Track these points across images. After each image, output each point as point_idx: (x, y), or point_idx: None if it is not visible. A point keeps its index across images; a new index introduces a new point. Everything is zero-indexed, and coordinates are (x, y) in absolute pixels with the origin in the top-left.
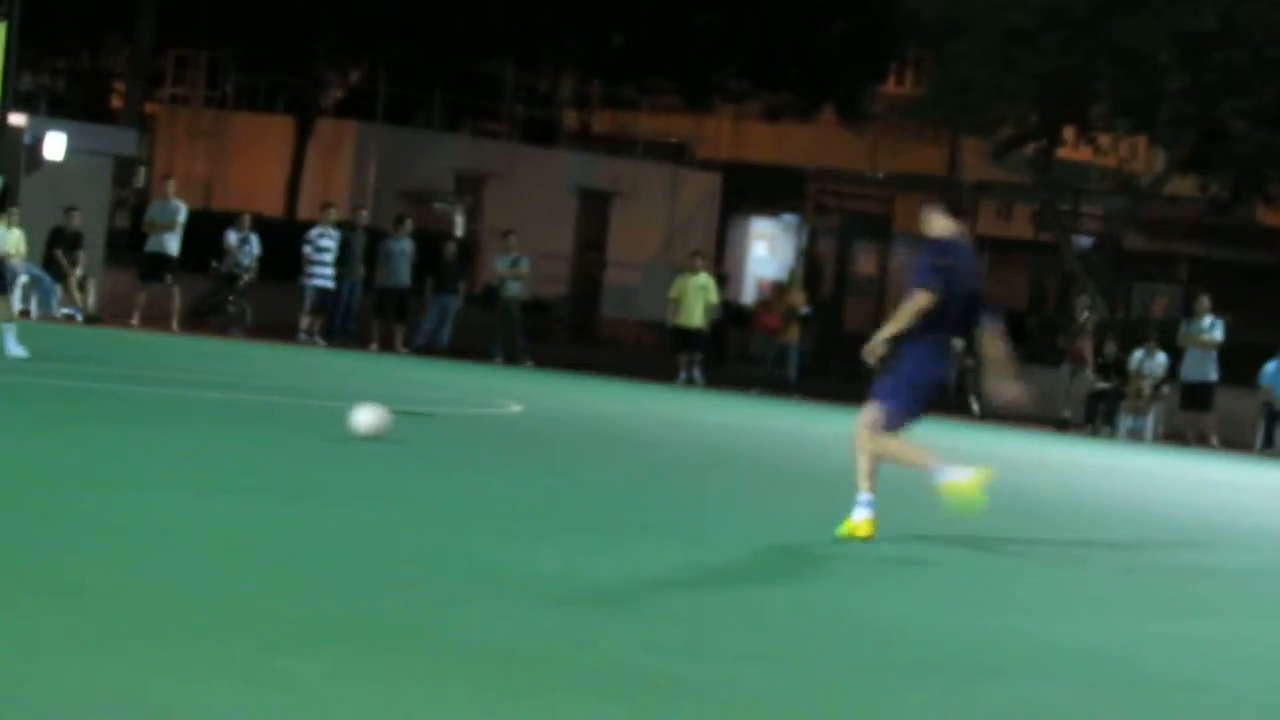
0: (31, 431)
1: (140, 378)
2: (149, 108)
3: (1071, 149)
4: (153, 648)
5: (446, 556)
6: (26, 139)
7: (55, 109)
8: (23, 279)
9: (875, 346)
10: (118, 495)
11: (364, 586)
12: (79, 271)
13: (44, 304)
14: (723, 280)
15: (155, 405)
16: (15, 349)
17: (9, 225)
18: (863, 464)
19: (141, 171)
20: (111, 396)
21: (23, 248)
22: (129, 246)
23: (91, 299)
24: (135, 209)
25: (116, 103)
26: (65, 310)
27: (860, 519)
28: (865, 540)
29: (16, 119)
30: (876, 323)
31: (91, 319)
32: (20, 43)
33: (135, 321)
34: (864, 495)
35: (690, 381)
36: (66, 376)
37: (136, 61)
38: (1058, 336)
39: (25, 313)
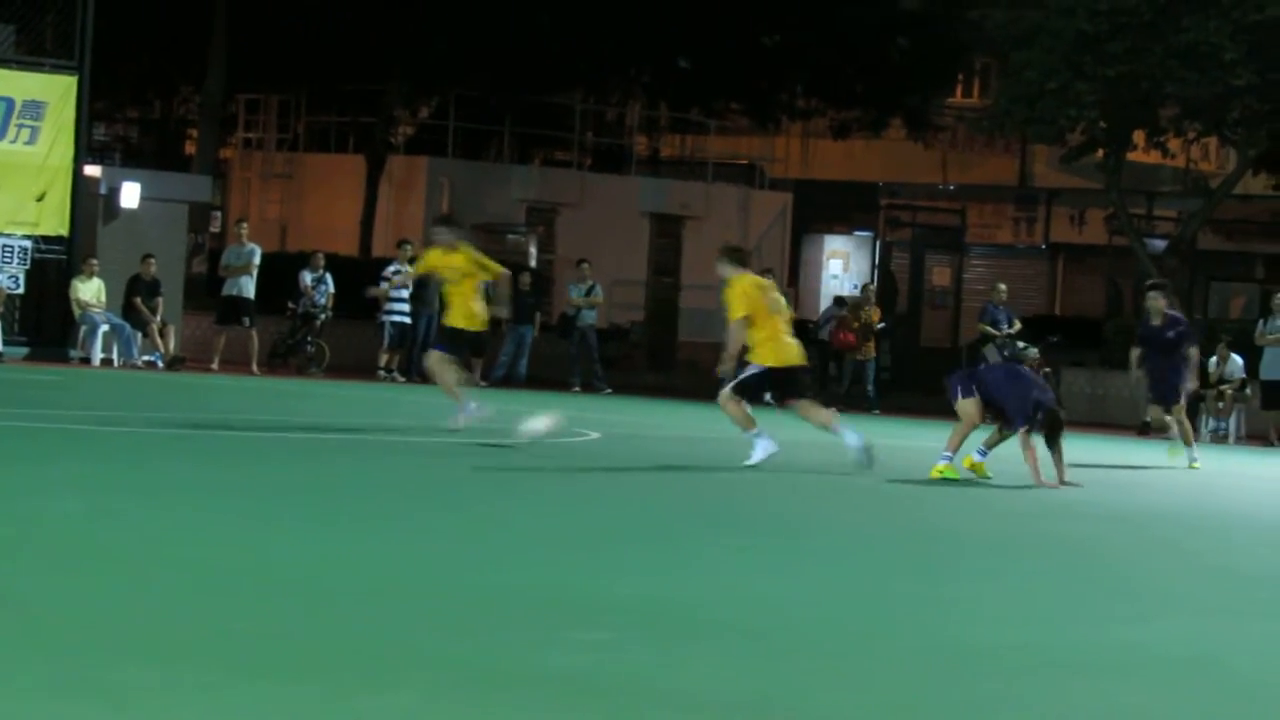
0: (134, 478)
1: (223, 422)
2: (222, 153)
3: (1142, 152)
4: (240, 685)
5: (528, 586)
6: (102, 189)
7: (130, 159)
8: (103, 328)
9: None
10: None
11: (446, 618)
12: (158, 318)
13: (125, 352)
14: (792, 298)
15: (238, 446)
16: None
17: (88, 275)
18: None
19: (217, 216)
20: (197, 439)
21: (103, 297)
22: (207, 291)
23: (172, 345)
24: (211, 254)
25: (190, 149)
26: (146, 357)
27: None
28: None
29: (92, 170)
30: (953, 336)
31: (172, 365)
32: (92, 95)
33: (215, 365)
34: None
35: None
36: (151, 424)
37: (207, 108)
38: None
39: (108, 361)
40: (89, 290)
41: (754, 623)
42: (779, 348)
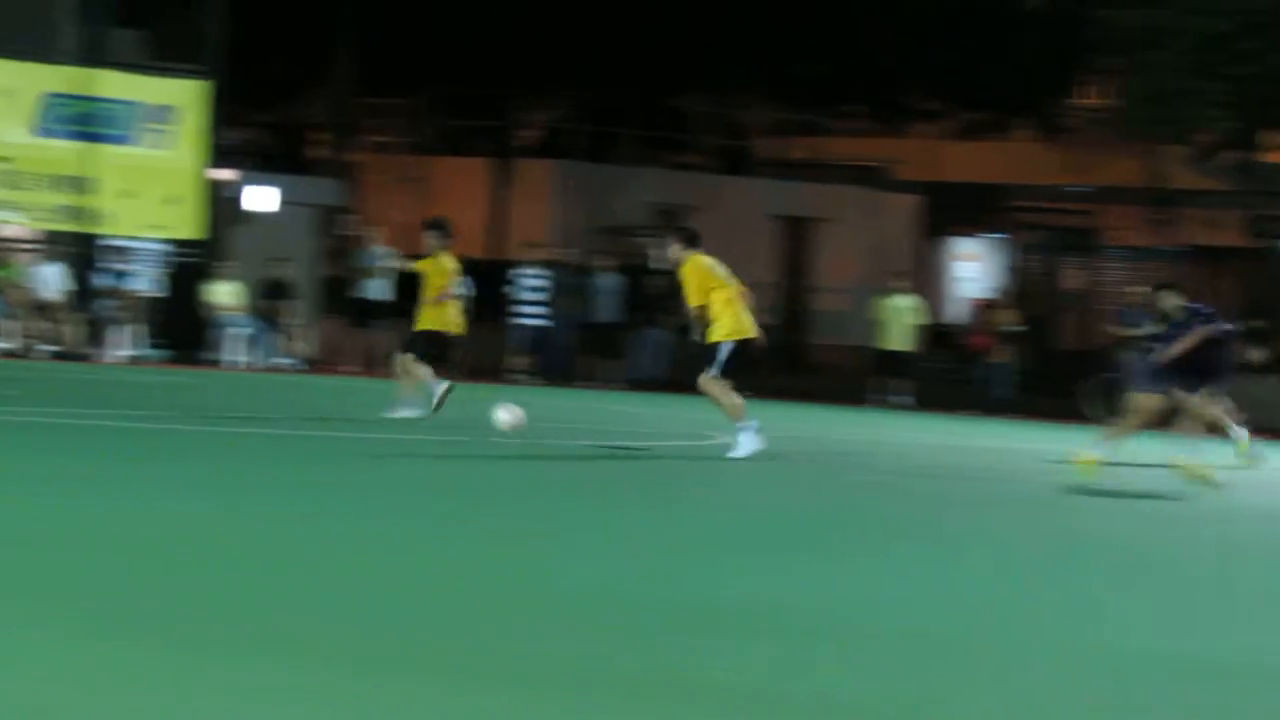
0: (267, 479)
1: (355, 423)
2: (352, 156)
3: (1278, 153)
4: (364, 689)
5: (663, 590)
6: (234, 194)
7: (261, 163)
8: (239, 331)
9: None
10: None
11: (581, 624)
12: (292, 321)
13: (260, 354)
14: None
15: (369, 447)
16: None
17: (223, 279)
18: None
19: (347, 219)
20: (328, 440)
21: (238, 300)
22: (339, 294)
23: (305, 347)
24: (343, 257)
25: (320, 153)
26: (280, 359)
27: None
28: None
29: (223, 174)
30: (1089, 338)
31: (306, 367)
32: (223, 100)
33: (348, 368)
34: None
35: (897, 405)
36: (283, 426)
37: (336, 112)
38: (1273, 344)
39: (243, 363)
40: (224, 293)
41: (899, 627)
42: (740, 319)
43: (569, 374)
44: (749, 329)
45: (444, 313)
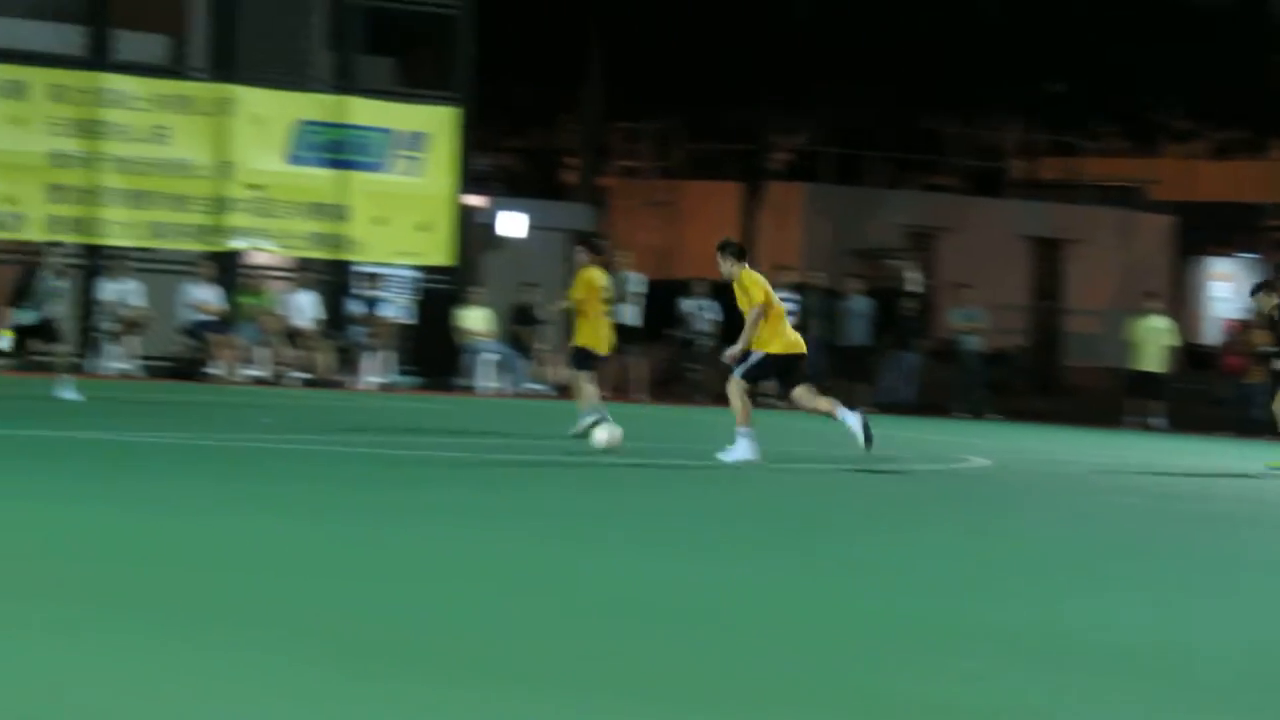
0: (516, 504)
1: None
2: (602, 181)
3: None
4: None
5: (916, 614)
6: (485, 219)
7: (512, 188)
8: (490, 356)
9: None
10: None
11: (828, 647)
12: (542, 346)
13: (511, 380)
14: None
15: (618, 473)
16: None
17: (474, 305)
18: None
19: (599, 245)
20: (581, 466)
21: (489, 326)
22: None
23: (556, 373)
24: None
25: (570, 178)
26: (532, 385)
27: None
28: None
29: (474, 200)
30: None
31: (556, 392)
32: (474, 125)
33: (600, 393)
34: None
35: (1149, 427)
36: (535, 451)
37: (586, 137)
38: None
39: (495, 389)
40: (475, 319)
41: (1137, 650)
42: (783, 336)
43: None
44: (791, 345)
45: (596, 329)
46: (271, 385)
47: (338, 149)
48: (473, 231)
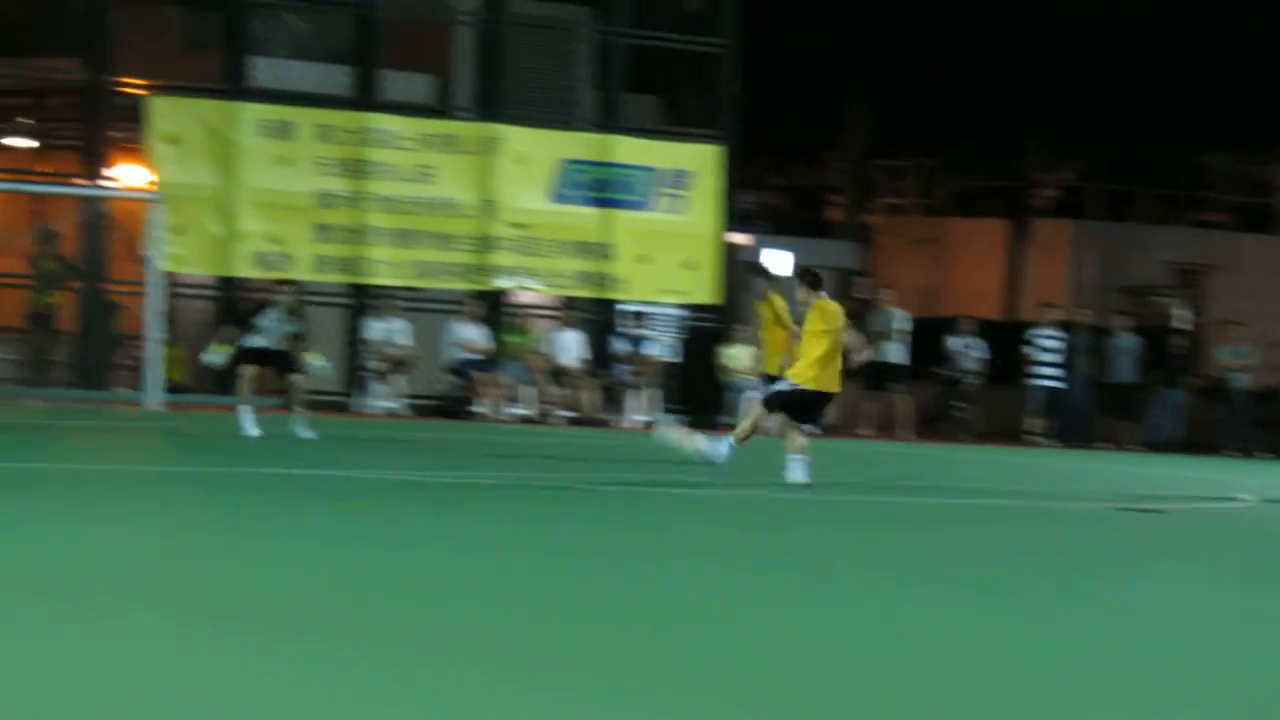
0: (782, 543)
1: (868, 487)
2: (867, 218)
3: None
4: None
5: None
6: (749, 257)
7: (776, 226)
8: (753, 394)
9: None
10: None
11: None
12: None
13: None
14: None
15: (887, 511)
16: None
17: (737, 342)
18: None
19: (862, 282)
20: (837, 505)
21: (752, 363)
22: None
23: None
24: (857, 320)
25: (834, 215)
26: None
27: None
28: None
29: (739, 238)
30: None
31: (821, 431)
32: (738, 163)
33: (865, 431)
34: None
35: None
36: (799, 490)
37: (851, 173)
38: None
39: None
40: (739, 357)
41: None
42: (825, 372)
43: (1087, 436)
44: (827, 383)
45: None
46: (537, 424)
47: (602, 187)
48: (737, 269)
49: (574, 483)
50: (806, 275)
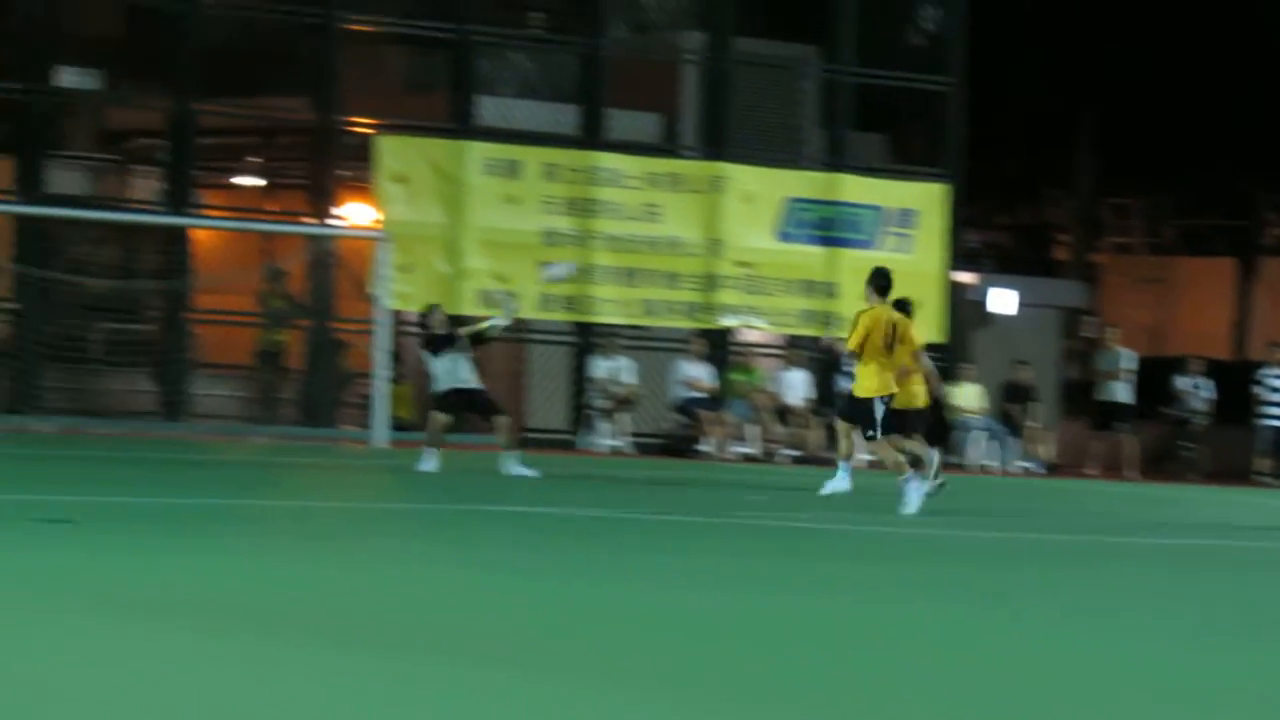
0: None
1: (1095, 527)
2: (1093, 257)
3: None
4: None
5: None
6: (975, 296)
7: (1002, 265)
8: (980, 434)
9: None
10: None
11: None
12: (1033, 423)
13: (1003, 457)
14: None
15: (1104, 551)
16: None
17: (964, 381)
18: None
19: (1088, 321)
20: (1071, 544)
21: (979, 402)
22: (1080, 397)
23: (1047, 451)
24: (1084, 359)
25: (1060, 254)
26: (1023, 463)
27: None
28: None
29: (964, 277)
30: None
31: (1046, 471)
32: (963, 201)
33: (1091, 471)
34: None
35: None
36: (1026, 530)
37: (1078, 212)
38: None
39: (986, 466)
40: (966, 395)
41: None
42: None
43: None
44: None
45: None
46: (762, 463)
47: (828, 226)
48: (963, 308)
49: (805, 521)
50: (878, 282)
